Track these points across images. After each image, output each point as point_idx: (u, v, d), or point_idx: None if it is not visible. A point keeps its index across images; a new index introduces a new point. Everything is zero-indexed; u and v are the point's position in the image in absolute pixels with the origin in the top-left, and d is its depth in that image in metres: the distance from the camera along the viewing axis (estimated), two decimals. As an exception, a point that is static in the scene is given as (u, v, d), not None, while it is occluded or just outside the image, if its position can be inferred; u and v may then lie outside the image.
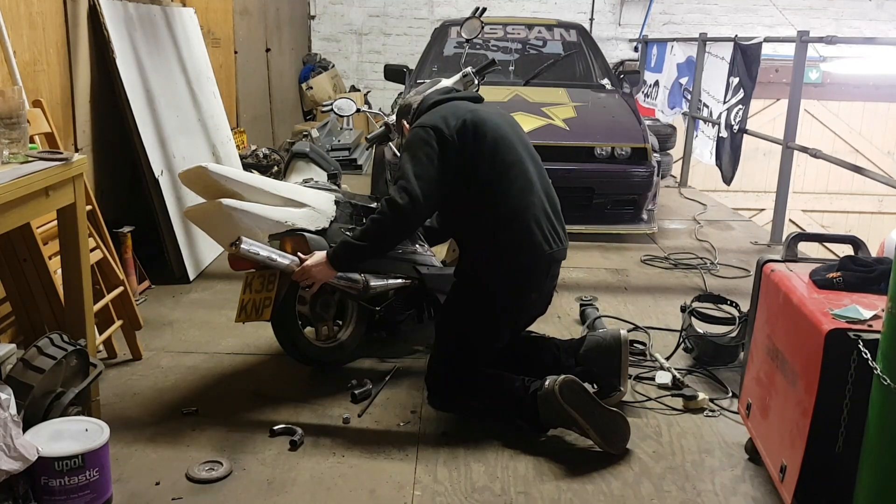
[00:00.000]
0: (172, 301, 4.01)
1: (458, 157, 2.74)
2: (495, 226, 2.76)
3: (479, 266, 2.85)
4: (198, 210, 2.87)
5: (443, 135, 2.73)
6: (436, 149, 2.71)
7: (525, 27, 7.12)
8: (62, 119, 3.77)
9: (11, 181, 2.16)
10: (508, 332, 2.90)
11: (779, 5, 10.14)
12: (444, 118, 2.79)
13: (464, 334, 2.84)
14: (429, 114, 2.88)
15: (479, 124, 2.78)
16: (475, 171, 2.76)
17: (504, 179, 2.77)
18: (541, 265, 2.80)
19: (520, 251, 2.76)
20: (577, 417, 2.56)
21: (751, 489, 2.44)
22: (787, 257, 2.56)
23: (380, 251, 2.89)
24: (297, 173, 3.40)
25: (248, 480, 2.41)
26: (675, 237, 5.53)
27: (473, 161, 2.75)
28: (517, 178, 2.79)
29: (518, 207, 2.76)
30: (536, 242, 2.75)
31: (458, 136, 2.75)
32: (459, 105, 2.90)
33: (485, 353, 2.85)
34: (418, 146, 2.74)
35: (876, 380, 1.83)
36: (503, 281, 2.79)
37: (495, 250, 2.77)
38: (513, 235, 2.75)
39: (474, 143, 2.76)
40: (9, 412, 1.99)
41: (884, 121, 10.78)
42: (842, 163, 5.04)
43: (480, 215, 2.79)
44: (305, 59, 10.09)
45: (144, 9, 4.58)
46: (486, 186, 2.76)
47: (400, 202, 2.68)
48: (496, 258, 2.78)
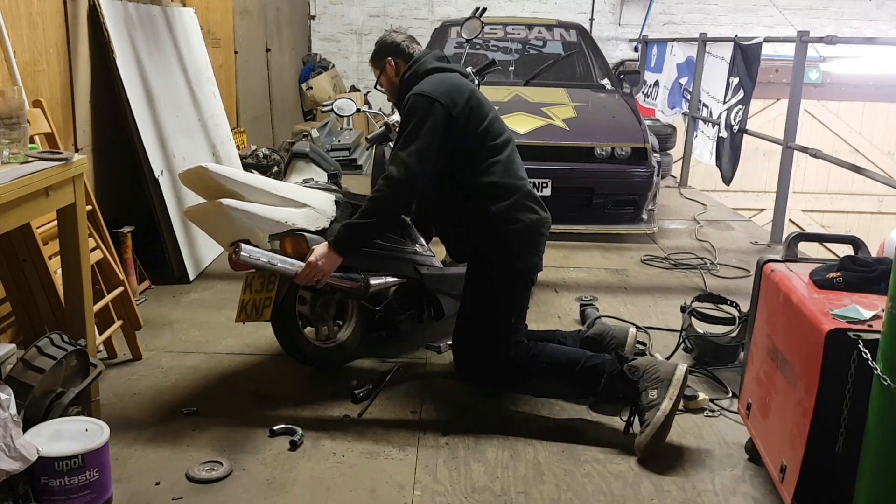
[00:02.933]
0: (172, 301, 4.01)
1: (459, 136, 2.83)
2: (496, 197, 2.86)
3: (489, 242, 2.91)
4: (198, 210, 2.87)
5: (450, 113, 2.80)
6: (440, 124, 2.78)
7: (525, 27, 7.12)
8: (62, 119, 3.77)
9: (11, 181, 2.16)
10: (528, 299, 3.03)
11: (779, 5, 10.14)
12: (451, 95, 2.83)
13: (494, 316, 2.89)
14: (431, 83, 2.89)
15: (477, 107, 2.89)
16: (473, 148, 2.87)
17: (500, 154, 2.90)
18: (542, 229, 2.95)
19: (520, 218, 2.87)
20: (675, 405, 2.57)
21: (751, 489, 2.44)
22: (787, 257, 2.56)
23: (381, 227, 2.93)
24: (297, 173, 3.41)
25: (248, 480, 2.41)
26: (675, 237, 5.53)
27: (471, 140, 2.86)
28: (512, 153, 2.96)
29: (514, 180, 2.90)
30: (534, 209, 2.91)
31: (464, 116, 2.83)
32: (459, 81, 2.94)
33: (520, 327, 2.95)
34: (423, 118, 2.78)
35: (876, 380, 1.83)
36: (515, 249, 2.89)
37: (499, 222, 2.86)
38: (512, 205, 2.86)
39: (475, 123, 2.87)
40: (9, 412, 1.99)
41: (884, 121, 10.78)
42: (842, 163, 5.04)
43: (481, 190, 2.87)
44: (305, 59, 10.09)
45: (144, 9, 4.58)
46: (483, 162, 2.88)
47: (397, 176, 2.74)
48: (501, 229, 2.87)
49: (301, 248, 2.83)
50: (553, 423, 2.80)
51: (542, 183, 5.03)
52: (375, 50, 3.13)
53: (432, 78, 2.92)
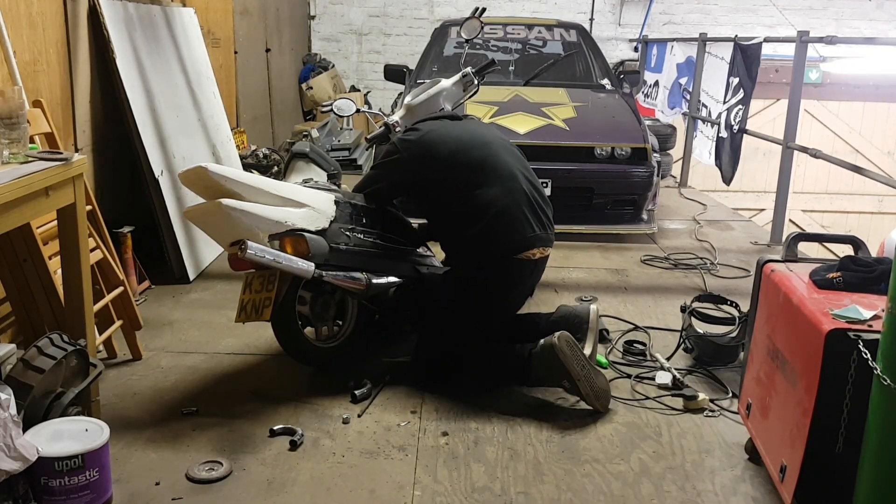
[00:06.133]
0: (172, 301, 4.01)
1: (409, 171, 3.13)
2: (464, 223, 3.02)
3: (458, 262, 3.16)
4: (198, 210, 2.86)
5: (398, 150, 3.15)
6: (393, 161, 3.16)
7: (525, 27, 7.12)
8: (62, 119, 3.77)
9: (11, 181, 2.16)
10: (498, 319, 3.16)
11: (779, 5, 10.14)
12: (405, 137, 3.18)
13: (455, 321, 3.08)
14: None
15: (430, 143, 3.12)
16: (431, 180, 3.09)
17: (464, 183, 3.04)
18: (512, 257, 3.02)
19: (490, 244, 2.99)
20: (571, 367, 2.79)
21: (751, 489, 2.44)
22: (787, 257, 2.56)
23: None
24: (297, 173, 3.40)
25: (248, 480, 2.42)
26: (675, 237, 5.53)
27: (427, 173, 3.10)
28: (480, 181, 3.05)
29: (484, 205, 3.00)
30: (502, 235, 2.99)
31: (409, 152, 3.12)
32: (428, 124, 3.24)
33: (476, 334, 3.11)
34: (382, 157, 3.24)
35: (876, 380, 1.83)
36: (482, 275, 3.04)
37: (467, 246, 3.05)
38: (482, 231, 2.98)
39: (427, 158, 3.10)
40: (9, 412, 1.99)
41: (884, 121, 10.78)
42: (842, 163, 5.04)
43: (451, 216, 3.10)
44: (305, 59, 10.09)
45: (144, 9, 4.58)
46: (449, 192, 3.07)
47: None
48: (469, 254, 3.06)
49: (301, 248, 2.83)
50: (553, 423, 2.80)
51: (542, 183, 5.02)
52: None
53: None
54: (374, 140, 3.65)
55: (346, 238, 3.00)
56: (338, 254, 2.95)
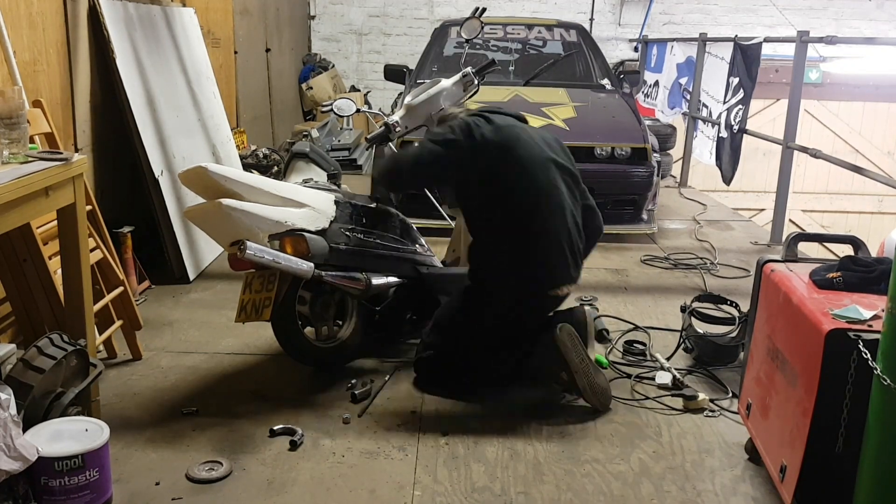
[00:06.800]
0: (172, 301, 4.01)
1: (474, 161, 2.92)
2: (507, 241, 2.91)
3: (487, 278, 3.01)
4: (198, 210, 2.87)
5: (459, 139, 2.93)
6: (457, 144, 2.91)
7: (525, 27, 7.12)
8: (62, 119, 3.77)
9: (11, 181, 2.16)
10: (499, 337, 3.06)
11: (779, 5, 10.13)
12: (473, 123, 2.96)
13: (458, 331, 3.02)
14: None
15: (508, 140, 2.93)
16: (498, 181, 2.91)
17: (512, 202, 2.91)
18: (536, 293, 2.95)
19: (529, 276, 2.91)
20: (571, 359, 2.80)
21: (751, 489, 2.44)
22: (787, 257, 2.56)
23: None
24: (297, 173, 3.40)
25: (248, 480, 2.42)
26: (675, 237, 5.53)
27: (497, 170, 2.91)
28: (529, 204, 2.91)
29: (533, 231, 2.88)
30: (542, 271, 2.90)
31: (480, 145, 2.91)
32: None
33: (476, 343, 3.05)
34: (432, 137, 3.01)
35: (876, 380, 1.83)
36: (509, 301, 2.94)
37: (503, 269, 2.93)
38: (523, 259, 2.89)
39: (503, 155, 2.91)
40: (9, 412, 1.99)
41: (884, 121, 10.78)
42: (842, 163, 5.04)
43: (494, 226, 2.95)
44: (305, 59, 10.09)
45: (144, 9, 4.58)
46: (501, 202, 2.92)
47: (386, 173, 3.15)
48: (503, 277, 2.94)
49: (301, 248, 2.83)
50: (553, 423, 2.80)
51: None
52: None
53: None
54: (374, 140, 3.65)
55: (346, 238, 3.00)
56: (338, 254, 2.95)
